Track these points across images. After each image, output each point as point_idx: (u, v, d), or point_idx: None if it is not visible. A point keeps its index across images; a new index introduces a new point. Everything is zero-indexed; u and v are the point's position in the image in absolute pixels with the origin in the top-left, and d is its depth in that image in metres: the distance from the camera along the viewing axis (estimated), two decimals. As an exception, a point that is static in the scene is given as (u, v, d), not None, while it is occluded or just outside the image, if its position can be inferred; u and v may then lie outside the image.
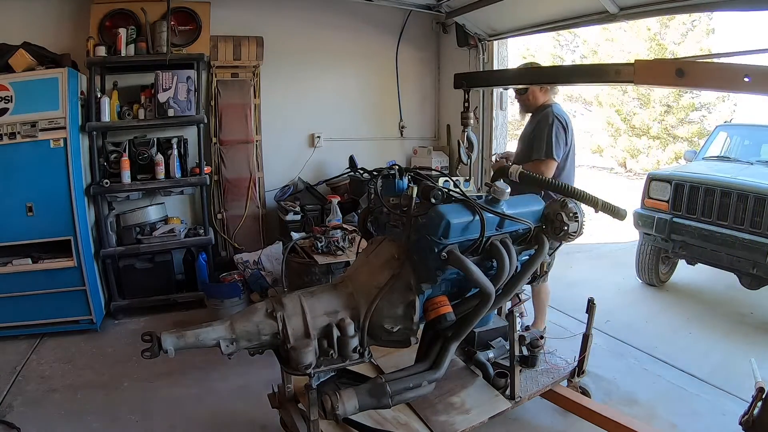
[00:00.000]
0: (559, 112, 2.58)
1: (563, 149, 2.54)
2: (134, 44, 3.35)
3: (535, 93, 2.63)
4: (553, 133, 2.48)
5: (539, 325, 2.90)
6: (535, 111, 2.66)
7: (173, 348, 1.46)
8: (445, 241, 1.53)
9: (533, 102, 2.65)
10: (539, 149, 2.51)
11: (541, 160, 2.50)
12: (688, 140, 13.15)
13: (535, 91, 2.62)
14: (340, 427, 1.80)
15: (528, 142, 2.62)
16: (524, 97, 2.66)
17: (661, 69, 1.85)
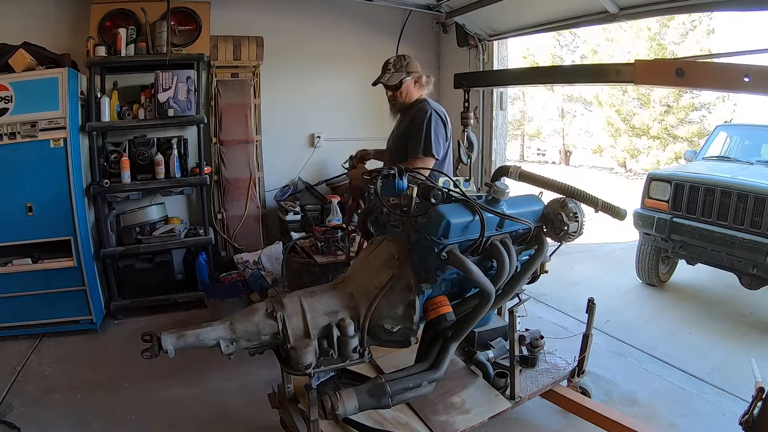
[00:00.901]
0: (436, 106, 2.39)
1: (443, 146, 2.35)
2: (134, 44, 3.35)
3: (409, 88, 2.42)
4: (432, 129, 2.28)
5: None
6: (408, 107, 2.45)
7: (173, 348, 1.46)
8: (445, 241, 1.53)
9: (407, 98, 2.43)
10: (416, 146, 2.28)
11: (419, 158, 2.28)
12: (688, 140, 13.16)
13: (409, 86, 2.41)
14: (340, 427, 1.80)
15: (402, 140, 2.38)
16: (397, 94, 2.42)
17: (661, 69, 1.85)
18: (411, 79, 2.41)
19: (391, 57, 2.47)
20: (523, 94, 18.00)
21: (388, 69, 2.40)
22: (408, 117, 2.42)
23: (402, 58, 2.43)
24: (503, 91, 4.24)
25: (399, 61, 2.42)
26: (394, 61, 2.41)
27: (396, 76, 2.38)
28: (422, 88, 2.47)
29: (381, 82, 2.40)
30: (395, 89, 2.42)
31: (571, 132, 17.81)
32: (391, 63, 2.41)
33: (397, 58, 2.44)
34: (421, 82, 2.45)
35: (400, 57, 2.44)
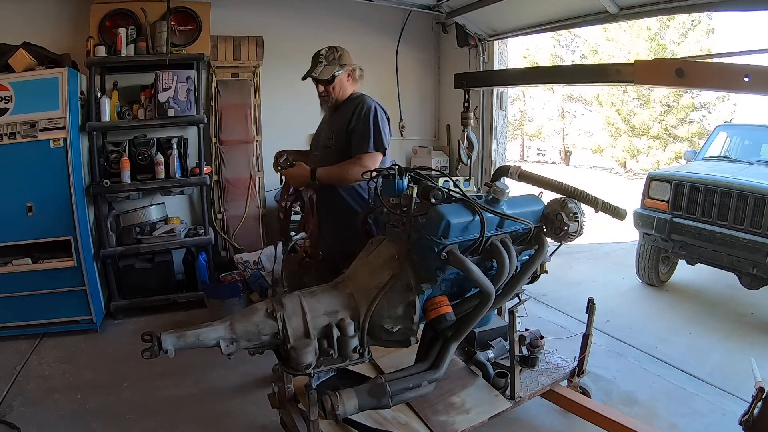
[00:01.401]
0: (375, 101, 2.24)
1: (388, 140, 2.21)
2: (134, 44, 3.35)
3: (342, 83, 2.23)
4: (380, 123, 2.16)
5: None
6: (343, 103, 2.27)
7: (173, 348, 1.46)
8: (445, 241, 1.53)
9: (341, 94, 2.25)
10: (365, 142, 2.14)
11: (370, 153, 2.13)
12: (688, 140, 13.17)
13: (342, 81, 2.22)
14: (340, 427, 1.80)
15: (342, 137, 2.18)
16: (330, 89, 2.22)
17: (661, 69, 1.85)
18: (344, 72, 2.22)
19: (322, 48, 2.23)
20: (523, 94, 18.02)
21: (319, 62, 2.19)
22: (345, 113, 2.21)
23: (334, 50, 2.22)
24: (503, 91, 4.24)
25: (331, 53, 2.20)
26: (326, 53, 2.20)
27: (328, 69, 2.18)
28: (355, 82, 2.28)
29: (312, 76, 2.20)
30: (327, 84, 2.20)
31: (571, 132, 17.82)
32: (323, 55, 2.20)
33: (329, 49, 2.22)
34: (355, 75, 2.26)
35: (332, 48, 2.22)
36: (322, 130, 2.34)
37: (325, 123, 2.34)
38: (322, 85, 2.23)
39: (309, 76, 2.22)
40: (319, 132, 2.37)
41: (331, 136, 2.23)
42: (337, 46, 2.23)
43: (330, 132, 2.25)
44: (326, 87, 2.22)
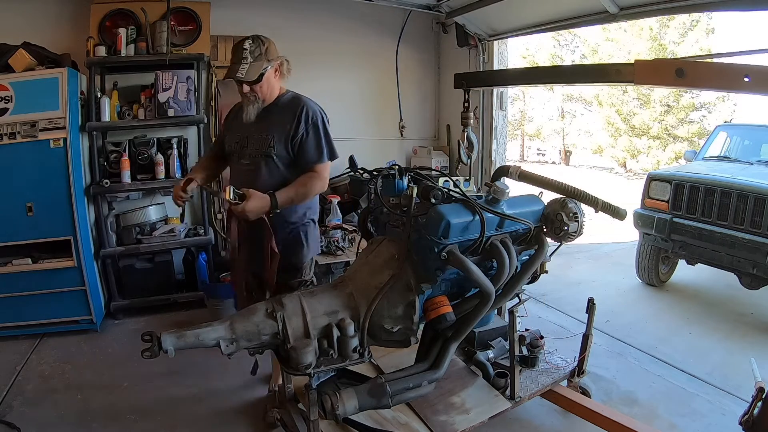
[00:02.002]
0: (312, 101, 2.04)
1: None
2: (134, 44, 3.35)
3: (270, 80, 1.92)
4: (328, 129, 1.98)
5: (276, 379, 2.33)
6: (271, 104, 1.98)
7: (173, 348, 1.46)
8: (445, 241, 1.53)
9: (269, 93, 1.95)
10: (320, 152, 1.92)
11: (325, 164, 1.94)
12: (688, 140, 13.17)
13: (270, 78, 1.91)
14: (340, 427, 1.80)
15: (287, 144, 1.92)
16: (257, 89, 1.90)
17: (661, 69, 1.85)
18: (272, 68, 1.91)
19: (245, 40, 1.87)
20: (523, 94, 18.02)
21: (243, 58, 1.83)
22: (282, 117, 1.94)
23: (260, 42, 1.88)
24: (503, 91, 4.24)
25: (257, 47, 1.86)
26: (252, 47, 1.85)
27: (255, 67, 1.84)
28: (283, 77, 1.99)
29: (237, 77, 1.84)
30: (254, 83, 1.88)
31: (571, 132, 17.82)
32: (248, 49, 1.85)
33: (254, 41, 1.87)
34: (282, 70, 1.96)
35: (257, 40, 1.88)
36: (250, 134, 1.96)
37: (251, 126, 1.95)
38: (250, 84, 1.88)
39: (232, 78, 1.86)
40: (244, 136, 1.97)
41: (270, 143, 1.91)
42: (262, 37, 1.90)
43: (266, 138, 1.92)
44: (252, 87, 1.89)
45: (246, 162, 1.96)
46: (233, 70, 1.85)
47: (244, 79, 1.85)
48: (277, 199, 1.80)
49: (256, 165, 1.93)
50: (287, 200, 1.84)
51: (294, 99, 2.01)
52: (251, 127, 1.96)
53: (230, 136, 2.04)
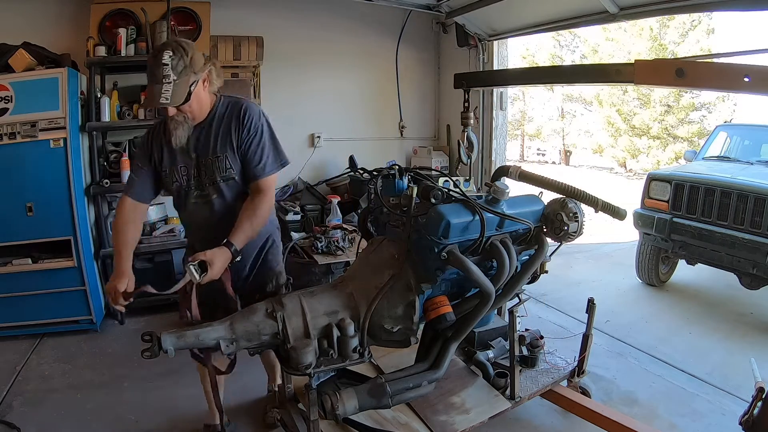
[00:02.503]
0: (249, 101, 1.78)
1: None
2: (134, 44, 3.34)
3: (200, 96, 1.62)
4: (274, 132, 1.79)
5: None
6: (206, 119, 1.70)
7: (173, 348, 1.46)
8: (445, 241, 1.53)
9: (200, 111, 1.66)
10: (268, 162, 1.71)
11: (273, 176, 1.73)
12: (688, 140, 13.17)
13: (200, 93, 1.62)
14: (340, 427, 1.80)
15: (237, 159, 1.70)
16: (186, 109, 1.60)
17: (661, 69, 1.86)
18: (200, 80, 1.60)
19: (162, 52, 1.51)
20: (523, 94, 18.02)
21: (165, 76, 1.49)
22: (222, 128, 1.68)
23: (182, 52, 1.54)
24: (503, 91, 4.24)
25: (180, 59, 1.52)
26: (173, 61, 1.51)
27: (181, 86, 1.53)
28: (212, 84, 1.67)
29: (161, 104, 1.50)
30: (183, 103, 1.56)
31: (571, 132, 17.82)
32: (169, 64, 1.50)
33: (175, 51, 1.52)
34: (212, 78, 1.66)
35: (178, 49, 1.53)
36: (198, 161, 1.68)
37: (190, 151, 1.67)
38: (174, 106, 1.55)
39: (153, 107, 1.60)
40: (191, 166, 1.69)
41: (227, 164, 1.68)
42: (182, 43, 1.57)
43: (221, 159, 1.68)
44: (181, 107, 1.57)
45: (200, 194, 1.71)
46: (154, 95, 1.49)
47: (170, 104, 1.52)
48: (235, 246, 1.58)
49: (212, 194, 1.70)
50: (244, 240, 1.62)
51: (232, 104, 1.73)
52: (190, 152, 1.67)
53: (167, 171, 1.69)
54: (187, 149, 1.67)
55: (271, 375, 2.36)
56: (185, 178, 1.71)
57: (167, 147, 1.68)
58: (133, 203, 1.72)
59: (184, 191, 1.73)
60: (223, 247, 1.57)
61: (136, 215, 1.73)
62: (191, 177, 1.71)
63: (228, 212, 1.71)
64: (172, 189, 1.75)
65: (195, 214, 1.76)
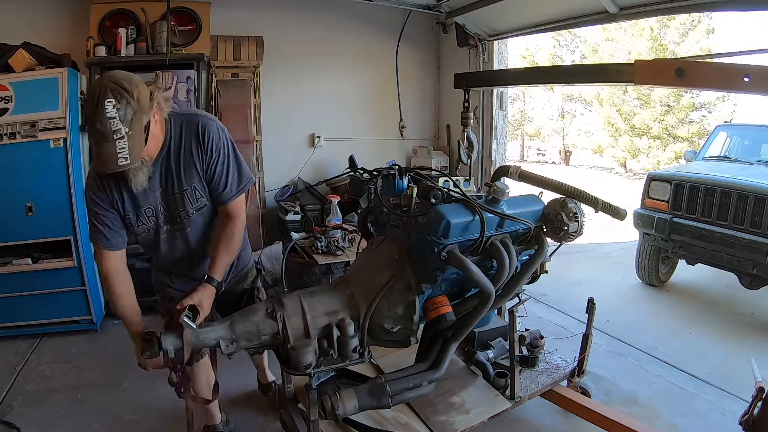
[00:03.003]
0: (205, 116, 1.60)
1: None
2: (134, 44, 3.35)
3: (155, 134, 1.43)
4: (236, 148, 1.62)
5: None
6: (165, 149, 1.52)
7: (173, 348, 1.46)
8: (445, 241, 1.53)
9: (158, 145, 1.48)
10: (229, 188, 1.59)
11: (240, 198, 1.64)
12: (688, 140, 13.17)
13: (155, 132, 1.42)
14: (340, 427, 1.80)
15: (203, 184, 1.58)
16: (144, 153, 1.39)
17: (661, 69, 1.85)
18: (151, 117, 1.39)
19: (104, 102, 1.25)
20: (523, 94, 18.02)
21: (115, 131, 1.26)
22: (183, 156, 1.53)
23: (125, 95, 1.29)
24: (503, 91, 4.24)
25: (125, 105, 1.28)
26: (119, 111, 1.27)
27: (136, 136, 1.32)
28: (162, 111, 1.46)
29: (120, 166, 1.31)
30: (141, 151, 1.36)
31: (571, 132, 17.82)
32: (116, 117, 1.26)
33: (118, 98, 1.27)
34: (161, 106, 1.44)
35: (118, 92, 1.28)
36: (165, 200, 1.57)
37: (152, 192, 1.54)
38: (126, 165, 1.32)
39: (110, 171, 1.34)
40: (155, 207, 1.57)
41: (196, 195, 1.58)
42: (123, 82, 1.30)
43: (190, 192, 1.57)
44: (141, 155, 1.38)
45: (171, 228, 1.63)
46: (108, 157, 1.28)
47: (131, 164, 1.32)
48: (216, 280, 1.57)
49: (186, 227, 1.63)
50: (224, 270, 1.61)
51: (186, 124, 1.53)
52: (154, 191, 1.54)
53: (132, 217, 1.55)
54: (150, 188, 1.52)
55: (261, 374, 2.42)
56: (152, 220, 1.59)
57: (126, 191, 1.50)
58: (117, 257, 1.57)
59: (153, 231, 1.61)
60: (205, 284, 1.55)
61: (126, 270, 1.60)
62: (159, 216, 1.59)
63: (204, 236, 1.68)
64: (137, 233, 1.61)
65: (169, 249, 1.67)
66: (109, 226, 1.53)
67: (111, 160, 1.29)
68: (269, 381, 2.42)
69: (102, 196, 1.50)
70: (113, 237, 1.55)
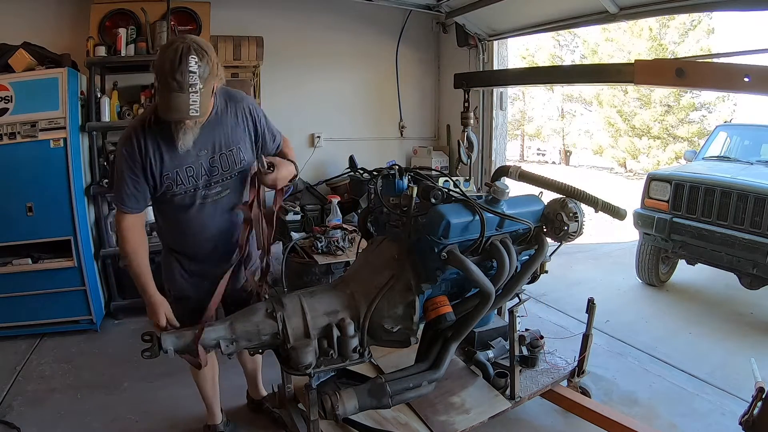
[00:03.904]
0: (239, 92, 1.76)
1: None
2: (134, 44, 3.34)
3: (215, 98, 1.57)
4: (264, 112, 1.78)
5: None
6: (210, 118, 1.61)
7: (173, 348, 1.46)
8: (445, 241, 1.53)
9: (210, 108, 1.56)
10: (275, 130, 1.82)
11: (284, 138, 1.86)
12: (688, 140, 13.17)
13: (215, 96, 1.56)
14: (340, 427, 1.80)
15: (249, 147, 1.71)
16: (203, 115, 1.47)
17: (661, 69, 1.86)
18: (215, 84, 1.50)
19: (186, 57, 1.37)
20: (523, 94, 18.02)
21: (192, 85, 1.37)
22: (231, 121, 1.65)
23: (206, 55, 1.41)
24: (503, 91, 4.24)
25: (205, 65, 1.41)
26: (200, 68, 1.39)
27: (207, 94, 1.45)
28: (221, 82, 1.56)
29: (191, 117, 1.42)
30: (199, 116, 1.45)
31: (571, 132, 17.82)
32: (197, 72, 1.38)
33: (200, 56, 1.39)
34: (222, 79, 1.55)
35: (200, 52, 1.40)
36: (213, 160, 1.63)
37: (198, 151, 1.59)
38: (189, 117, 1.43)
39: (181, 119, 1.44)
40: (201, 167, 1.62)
41: (240, 156, 1.68)
42: (204, 45, 1.43)
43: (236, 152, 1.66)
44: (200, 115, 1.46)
45: (208, 193, 1.66)
46: (180, 106, 1.38)
47: (200, 117, 1.44)
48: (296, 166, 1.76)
49: (223, 191, 1.69)
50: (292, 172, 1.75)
51: (228, 95, 1.67)
52: (198, 151, 1.59)
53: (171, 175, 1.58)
54: (194, 149, 1.58)
55: (251, 382, 2.33)
56: (192, 181, 1.61)
57: (167, 150, 1.55)
58: (135, 218, 1.61)
59: (190, 195, 1.63)
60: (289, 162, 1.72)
61: (143, 230, 1.66)
62: (199, 177, 1.62)
63: (235, 200, 1.73)
64: (175, 194, 1.61)
65: (200, 221, 1.68)
66: (138, 191, 1.57)
67: (183, 109, 1.38)
68: (261, 397, 2.30)
69: (137, 158, 1.53)
70: (141, 200, 1.60)
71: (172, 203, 1.65)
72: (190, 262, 1.78)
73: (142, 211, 1.63)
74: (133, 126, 1.58)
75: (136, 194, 1.58)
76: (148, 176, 1.56)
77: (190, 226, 1.69)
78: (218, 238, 1.73)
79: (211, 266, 1.75)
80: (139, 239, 1.63)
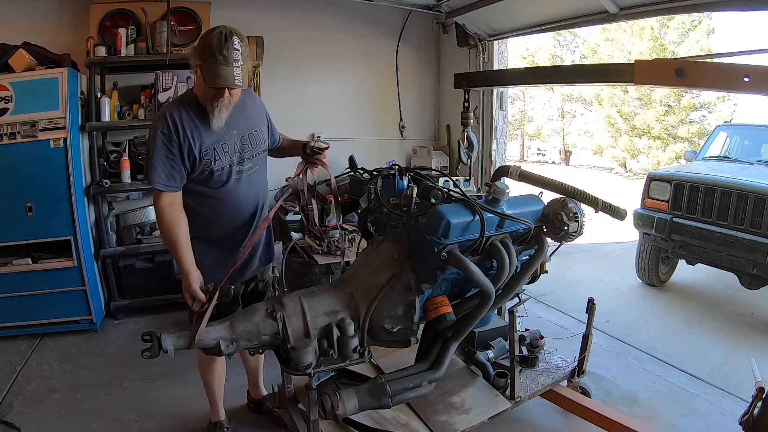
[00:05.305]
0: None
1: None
2: (134, 44, 3.34)
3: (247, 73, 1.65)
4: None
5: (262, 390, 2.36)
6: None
7: (173, 348, 1.46)
8: (445, 241, 1.53)
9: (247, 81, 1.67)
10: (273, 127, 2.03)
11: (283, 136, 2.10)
12: (689, 140, 13.18)
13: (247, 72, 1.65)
14: (340, 427, 1.80)
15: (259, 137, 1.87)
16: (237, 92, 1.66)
17: (661, 69, 1.86)
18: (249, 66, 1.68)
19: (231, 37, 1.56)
20: (523, 94, 18.02)
21: (235, 60, 1.56)
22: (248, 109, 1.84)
23: (245, 38, 1.62)
24: (503, 91, 4.24)
25: (245, 46, 1.61)
26: (242, 47, 1.59)
27: (246, 71, 1.63)
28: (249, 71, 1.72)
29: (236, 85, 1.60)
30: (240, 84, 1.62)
31: (571, 132, 17.83)
32: (239, 50, 1.57)
33: (241, 38, 1.60)
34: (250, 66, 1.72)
35: (241, 36, 1.60)
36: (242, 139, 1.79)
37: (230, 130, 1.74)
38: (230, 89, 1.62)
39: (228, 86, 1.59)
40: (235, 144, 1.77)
41: (263, 137, 1.89)
42: (241, 33, 1.61)
43: (260, 132, 1.87)
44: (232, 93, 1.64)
45: (241, 169, 1.80)
46: (227, 76, 1.56)
47: (242, 87, 1.62)
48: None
49: (254, 166, 1.87)
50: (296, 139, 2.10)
51: (244, 91, 1.77)
52: (230, 130, 1.74)
53: (209, 152, 1.70)
54: (227, 128, 1.73)
55: (252, 381, 2.35)
56: (228, 157, 1.75)
57: (205, 130, 1.69)
58: (173, 195, 1.68)
59: (227, 171, 1.76)
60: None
61: (181, 208, 1.70)
62: (234, 152, 1.77)
63: (263, 181, 1.98)
64: (214, 171, 1.72)
65: (235, 196, 1.80)
66: (172, 167, 1.66)
67: (230, 78, 1.57)
68: (261, 397, 2.32)
69: (173, 138, 1.64)
70: (174, 179, 1.67)
71: (210, 180, 1.74)
72: (213, 245, 1.82)
73: (179, 189, 1.69)
74: (168, 108, 1.69)
75: (173, 173, 1.66)
76: (185, 155, 1.66)
77: (227, 201, 1.80)
78: (252, 211, 1.88)
79: (234, 242, 1.84)
80: (178, 214, 1.68)
